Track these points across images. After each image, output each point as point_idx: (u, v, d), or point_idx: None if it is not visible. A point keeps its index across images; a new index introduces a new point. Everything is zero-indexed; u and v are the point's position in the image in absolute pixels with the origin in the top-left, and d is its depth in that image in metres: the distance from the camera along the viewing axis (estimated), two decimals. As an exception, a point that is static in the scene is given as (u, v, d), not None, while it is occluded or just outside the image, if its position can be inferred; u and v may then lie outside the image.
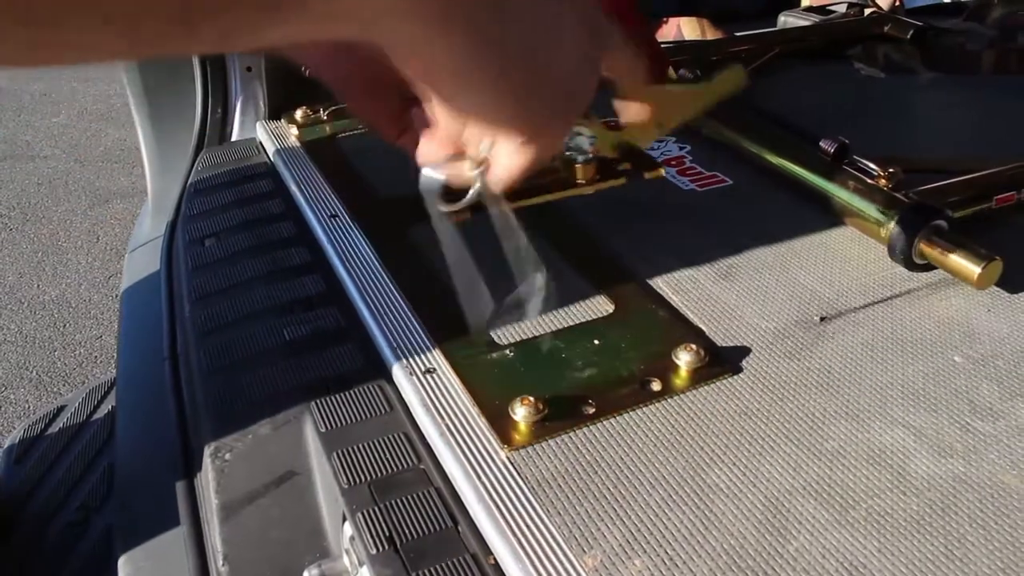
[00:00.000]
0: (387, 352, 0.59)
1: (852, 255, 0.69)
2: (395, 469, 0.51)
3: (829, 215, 0.73)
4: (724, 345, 0.58)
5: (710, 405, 0.53)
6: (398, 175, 0.46)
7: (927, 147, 0.89)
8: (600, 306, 0.63)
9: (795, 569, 0.42)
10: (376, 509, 0.48)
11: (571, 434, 0.50)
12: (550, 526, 0.44)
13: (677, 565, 0.42)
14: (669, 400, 0.53)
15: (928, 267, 0.66)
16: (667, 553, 0.43)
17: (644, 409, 0.52)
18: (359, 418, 0.55)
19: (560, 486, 0.47)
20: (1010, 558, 0.42)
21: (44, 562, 0.96)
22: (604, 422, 0.51)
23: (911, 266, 0.65)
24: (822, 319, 0.61)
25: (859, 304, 0.62)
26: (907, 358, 0.57)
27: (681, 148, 0.89)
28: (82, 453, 1.11)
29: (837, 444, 0.49)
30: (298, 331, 0.64)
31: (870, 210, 0.69)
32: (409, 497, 0.48)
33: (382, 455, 0.52)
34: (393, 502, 0.48)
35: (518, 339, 0.59)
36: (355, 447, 0.53)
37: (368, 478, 0.50)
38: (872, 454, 0.49)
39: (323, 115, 0.96)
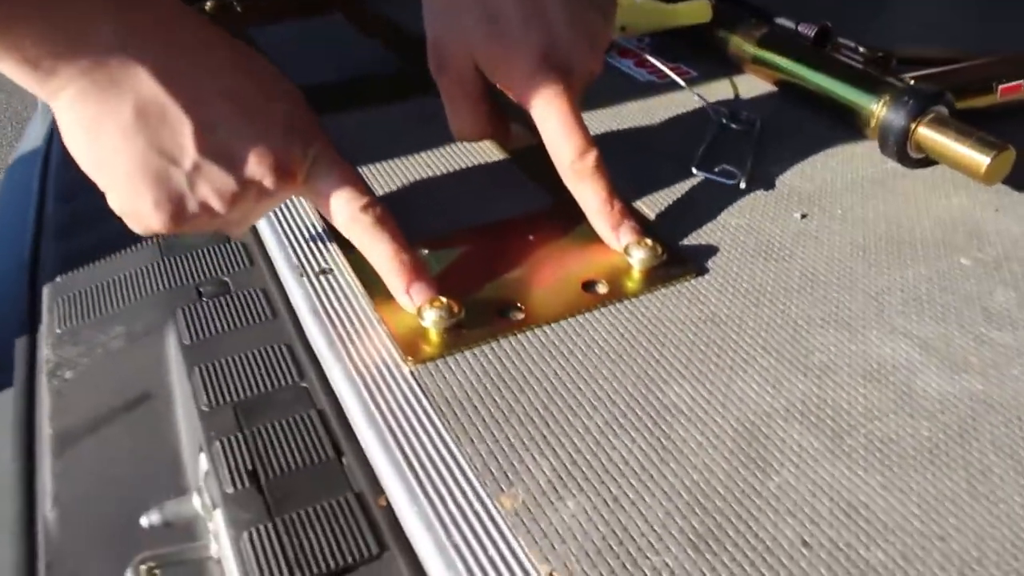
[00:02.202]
0: (274, 248, 0.48)
1: (836, 149, 0.58)
2: (269, 388, 0.40)
3: (809, 104, 0.63)
4: (686, 244, 0.48)
5: (669, 311, 0.42)
6: (304, 61, 0.34)
7: (919, 41, 0.79)
8: (536, 198, 0.52)
9: (777, 511, 0.32)
10: (239, 436, 0.37)
11: (493, 344, 0.40)
12: (459, 458, 0.34)
13: (623, 507, 0.32)
14: (618, 305, 0.43)
15: (925, 163, 0.56)
16: (610, 491, 0.33)
17: (587, 315, 0.42)
18: (232, 327, 0.44)
19: (476, 408, 0.36)
20: (1049, 496, 0.32)
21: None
22: (536, 331, 0.41)
23: (905, 160, 0.55)
24: (803, 216, 0.51)
25: (846, 202, 0.52)
26: (905, 260, 0.47)
27: (640, 42, 0.77)
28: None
29: (826, 357, 0.39)
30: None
31: (858, 97, 0.59)
32: (283, 422, 0.38)
33: (255, 371, 0.41)
34: (262, 428, 0.37)
35: (434, 235, 0.48)
36: (223, 361, 0.41)
37: (234, 398, 0.39)
38: (869, 369, 0.39)
39: (236, 7, 0.85)
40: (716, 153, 0.57)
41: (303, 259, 0.46)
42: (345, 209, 0.40)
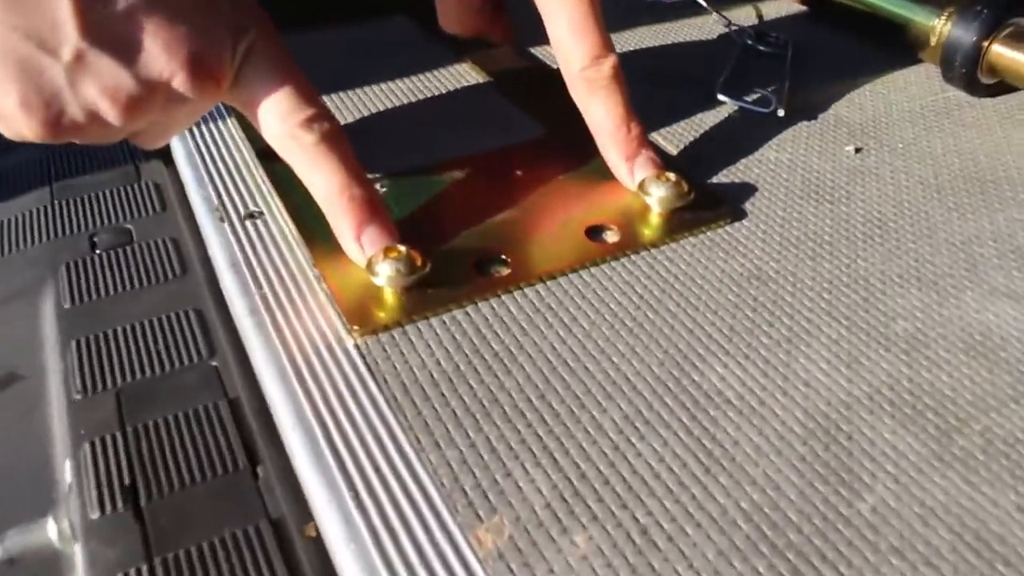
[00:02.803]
0: (190, 184, 0.37)
1: (884, 75, 0.48)
2: (167, 368, 0.29)
3: (847, 24, 0.53)
4: (716, 182, 0.38)
5: (700, 265, 0.32)
6: None
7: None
8: (526, 129, 0.41)
9: (876, 546, 0.22)
10: (118, 437, 0.27)
11: (469, 309, 0.30)
12: (420, 472, 0.24)
13: (655, 543, 0.22)
14: (633, 257, 0.32)
15: (995, 90, 0.46)
16: (635, 520, 0.23)
17: (592, 271, 0.32)
18: (128, 287, 0.34)
19: (445, 397, 0.26)
20: None
21: None
22: (526, 290, 0.31)
23: (974, 86, 0.45)
24: (857, 150, 0.40)
25: (906, 134, 0.42)
26: (992, 203, 0.37)
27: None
28: None
29: (912, 325, 0.30)
30: (64, 162, 0.42)
31: (912, 11, 0.48)
32: (180, 417, 0.27)
33: (151, 346, 0.30)
34: (151, 425, 0.27)
35: (395, 169, 0.38)
36: (110, 333, 0.31)
37: (119, 382, 0.29)
38: (971, 342, 0.29)
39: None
40: (742, 80, 0.46)
41: (226, 198, 0.36)
42: (282, 122, 0.30)
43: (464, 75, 0.47)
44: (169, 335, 0.31)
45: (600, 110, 0.36)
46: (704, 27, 0.54)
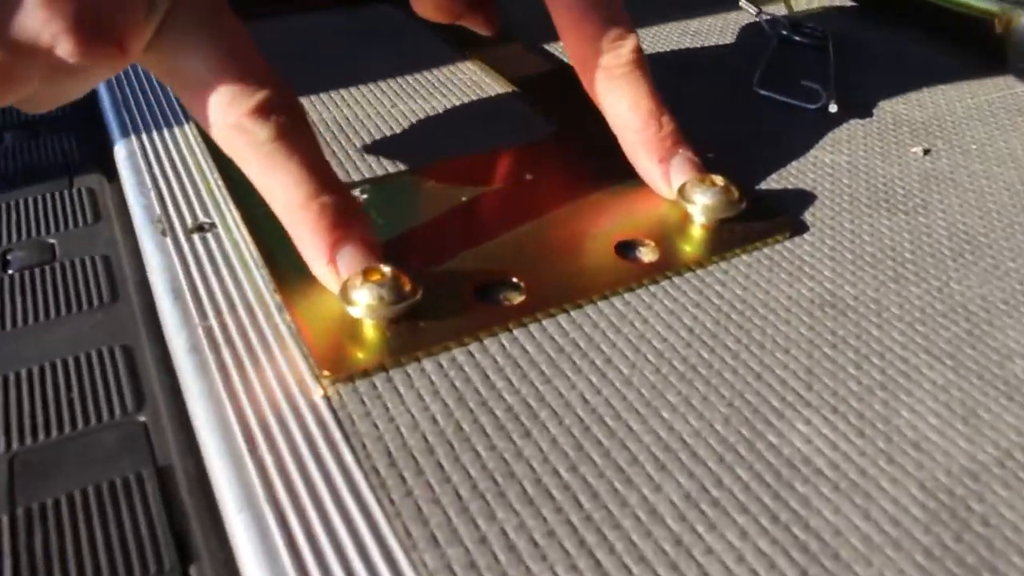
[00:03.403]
0: (129, 189, 0.31)
1: (941, 69, 0.42)
2: (80, 426, 0.23)
3: (891, 13, 0.47)
4: (762, 189, 0.32)
5: (760, 289, 0.26)
6: None
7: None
8: (535, 127, 0.35)
9: None
10: (4, 521, 0.20)
11: (472, 347, 0.23)
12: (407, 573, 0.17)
13: None
14: (677, 281, 0.26)
15: (1070, 84, 0.40)
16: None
17: (628, 297, 0.25)
18: (43, 318, 0.27)
19: (443, 468, 0.19)
20: None
21: None
22: (545, 323, 0.24)
23: (1047, 79, 0.39)
24: (925, 152, 0.34)
25: (977, 134, 0.36)
26: (1096, 213, 0.30)
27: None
28: None
29: (1039, 367, 0.23)
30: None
31: (970, -3, 0.42)
32: (90, 492, 0.21)
33: (61, 394, 0.24)
34: (49, 505, 0.20)
35: (378, 173, 0.31)
36: (10, 378, 0.24)
37: (12, 445, 0.22)
38: (1119, 388, 0.23)
39: None
40: (780, 74, 0.40)
41: (171, 206, 0.29)
42: (226, 110, 0.23)
43: (460, 68, 0.40)
44: (87, 380, 0.24)
45: (622, 104, 0.29)
46: (731, 17, 0.48)
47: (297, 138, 0.24)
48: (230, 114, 0.23)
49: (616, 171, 0.30)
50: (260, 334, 0.24)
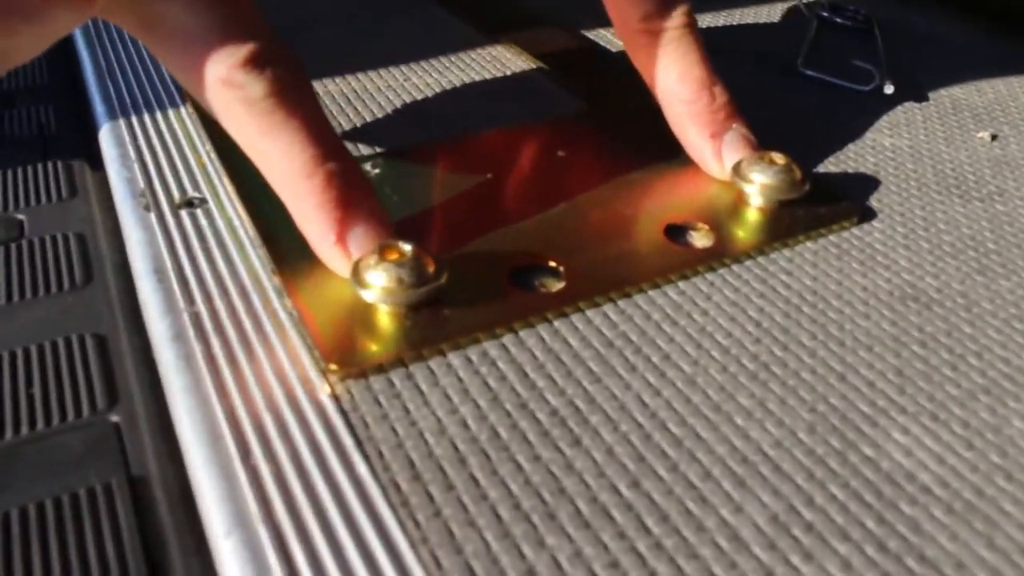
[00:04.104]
0: (111, 161, 0.27)
1: (996, 53, 0.39)
2: (41, 425, 0.19)
3: (963, 3, 0.44)
4: (828, 171, 0.28)
5: (831, 280, 0.23)
6: None
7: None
8: (565, 98, 0.32)
9: None
10: (-57, 542, 0.16)
11: (506, 339, 0.20)
12: (442, 616, 0.14)
13: None
14: (736, 269, 0.23)
15: None
16: None
17: (682, 285, 0.22)
18: (8, 301, 0.23)
19: (477, 485, 0.16)
20: None
21: None
22: (589, 313, 0.21)
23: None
24: (993, 137, 0.31)
25: (1043, 120, 0.33)
26: None
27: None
28: None
29: None
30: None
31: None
32: (48, 505, 0.17)
33: (20, 389, 0.20)
34: (11, 517, 0.17)
35: (394, 145, 0.28)
36: (-34, 368, 0.21)
37: (-37, 449, 0.18)
38: None
39: None
40: (824, 56, 0.37)
41: (156, 179, 0.26)
42: (214, 62, 0.20)
43: (482, 46, 0.37)
44: (51, 372, 0.20)
45: (671, 72, 0.26)
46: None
47: (298, 95, 0.21)
48: (219, 67, 0.20)
49: (655, 149, 0.27)
50: (256, 321, 0.20)
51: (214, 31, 0.20)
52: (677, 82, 0.26)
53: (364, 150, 0.28)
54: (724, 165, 0.25)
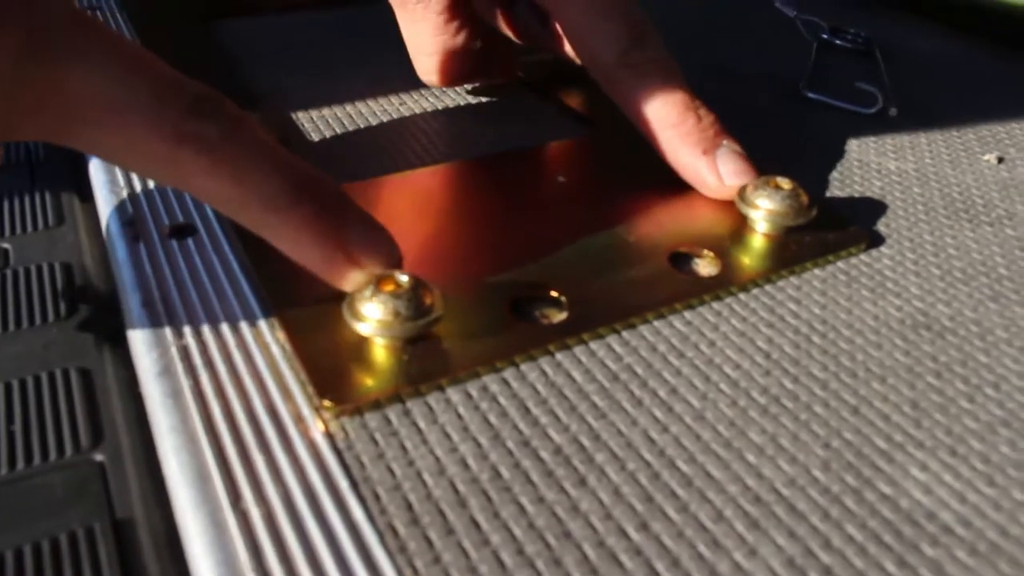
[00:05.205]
0: (99, 188, 0.27)
1: (1002, 75, 0.38)
2: (21, 466, 0.18)
3: (934, 18, 0.43)
4: (833, 196, 0.28)
5: (840, 308, 0.22)
6: None
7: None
8: (565, 122, 0.31)
9: None
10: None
11: (507, 373, 0.19)
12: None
13: None
14: (743, 297, 0.22)
15: None
16: None
17: (689, 315, 0.21)
18: (-11, 335, 0.23)
19: (478, 529, 0.15)
20: None
21: None
22: (593, 345, 0.20)
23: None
24: (999, 160, 0.31)
25: (1048, 142, 0.32)
26: None
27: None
28: None
29: None
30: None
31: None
32: (26, 552, 0.16)
33: (0, 427, 0.19)
34: (-25, 568, 0.16)
35: (389, 170, 0.27)
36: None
37: (-62, 491, 0.18)
38: None
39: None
40: (826, 78, 0.37)
41: (146, 207, 0.25)
42: (156, 118, 0.17)
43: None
44: (33, 409, 0.19)
45: (654, 100, 0.26)
46: (764, 17, 0.44)
47: (251, 130, 0.19)
48: (166, 125, 0.18)
49: (658, 175, 0.26)
50: (247, 355, 0.19)
51: (146, 95, 0.18)
52: (662, 107, 0.26)
53: (360, 176, 0.27)
54: (722, 180, 0.25)
